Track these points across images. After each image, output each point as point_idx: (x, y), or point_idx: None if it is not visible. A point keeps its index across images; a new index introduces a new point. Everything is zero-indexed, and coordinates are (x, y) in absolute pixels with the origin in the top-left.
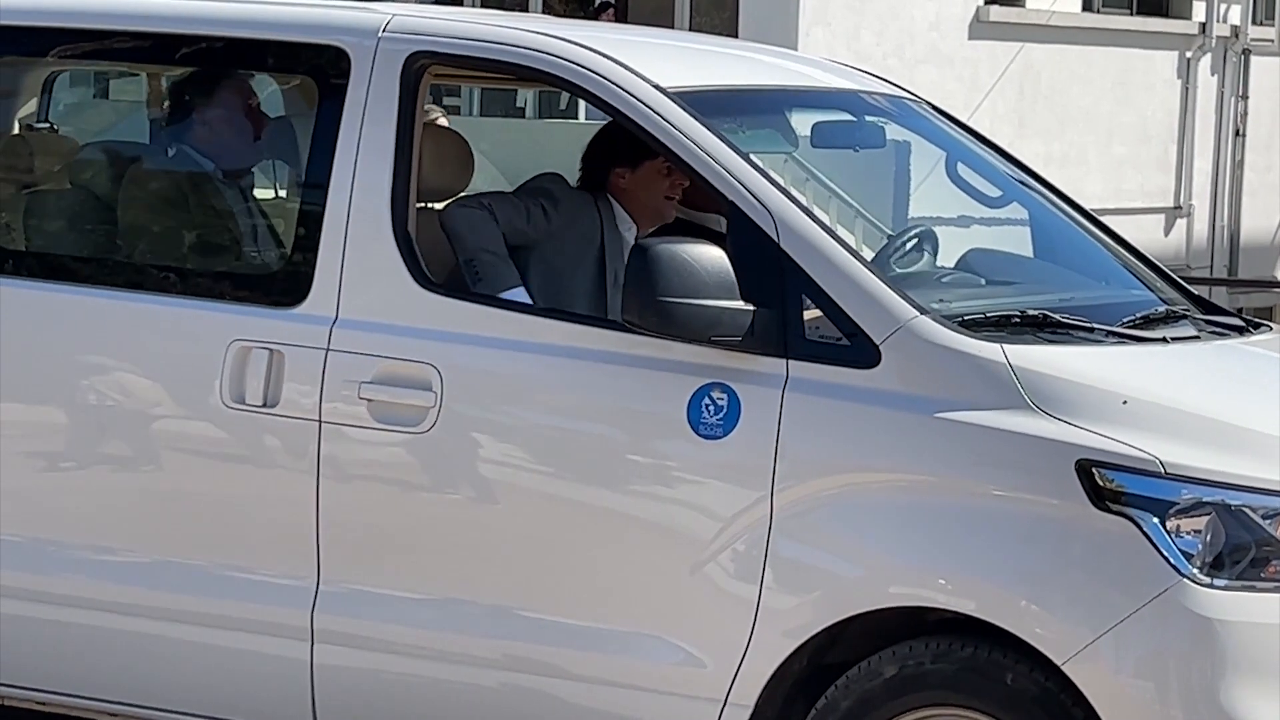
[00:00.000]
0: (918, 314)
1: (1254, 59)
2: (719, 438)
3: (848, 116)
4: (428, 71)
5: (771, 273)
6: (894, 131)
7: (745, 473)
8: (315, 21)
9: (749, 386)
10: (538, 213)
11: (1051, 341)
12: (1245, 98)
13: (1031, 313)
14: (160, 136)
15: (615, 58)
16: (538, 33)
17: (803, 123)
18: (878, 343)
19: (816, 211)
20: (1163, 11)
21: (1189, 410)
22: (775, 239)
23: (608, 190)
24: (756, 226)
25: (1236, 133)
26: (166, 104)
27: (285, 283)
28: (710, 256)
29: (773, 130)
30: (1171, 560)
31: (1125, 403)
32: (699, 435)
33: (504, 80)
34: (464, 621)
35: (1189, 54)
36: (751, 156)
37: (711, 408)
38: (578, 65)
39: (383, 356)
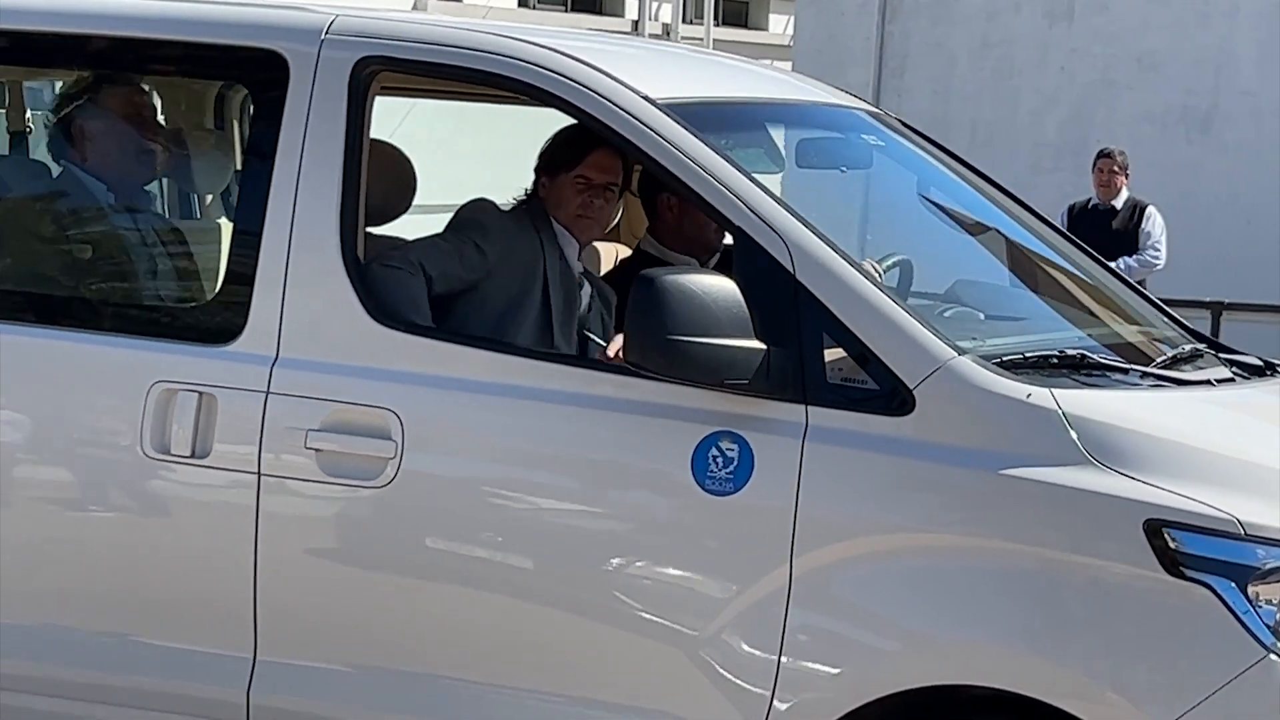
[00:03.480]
0: (955, 354)
1: None
2: (729, 494)
3: (835, 134)
4: (377, 79)
5: (787, 308)
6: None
7: (760, 534)
8: (246, 22)
9: (763, 436)
10: (470, 251)
11: (1092, 385)
12: None
13: (1070, 353)
14: (50, 151)
15: (598, 65)
16: (509, 37)
17: (781, 138)
18: (911, 387)
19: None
20: (597, 9)
21: (1261, 463)
22: (791, 270)
23: (542, 201)
24: (769, 256)
25: None
26: (53, 115)
27: (216, 317)
28: (722, 290)
29: (758, 149)
30: (1254, 632)
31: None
32: (706, 491)
33: (464, 90)
34: (434, 702)
35: None
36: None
37: (720, 460)
38: (559, 75)
39: (333, 400)
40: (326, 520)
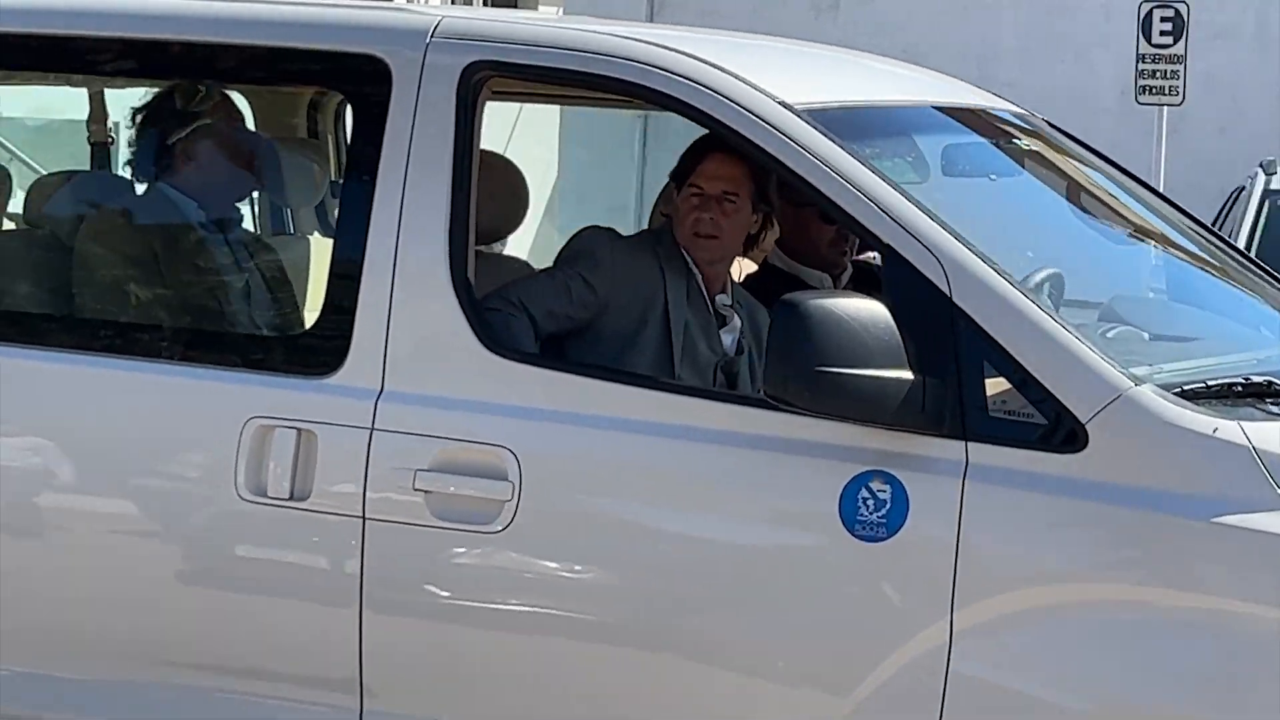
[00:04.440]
0: (1133, 384)
1: None
2: (882, 539)
3: (979, 138)
4: (487, 86)
5: (943, 334)
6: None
7: (916, 583)
8: (344, 23)
9: (919, 475)
10: (579, 286)
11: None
12: None
13: (1256, 379)
14: (133, 170)
15: (731, 70)
16: (631, 38)
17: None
18: (1083, 421)
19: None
20: None
21: None
22: (947, 292)
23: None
24: (923, 277)
25: None
26: (135, 129)
27: (315, 346)
28: (872, 315)
29: (903, 157)
30: None
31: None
32: (855, 536)
33: (581, 96)
34: None
35: None
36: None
37: (871, 502)
38: (691, 80)
39: (444, 438)
40: (437, 567)
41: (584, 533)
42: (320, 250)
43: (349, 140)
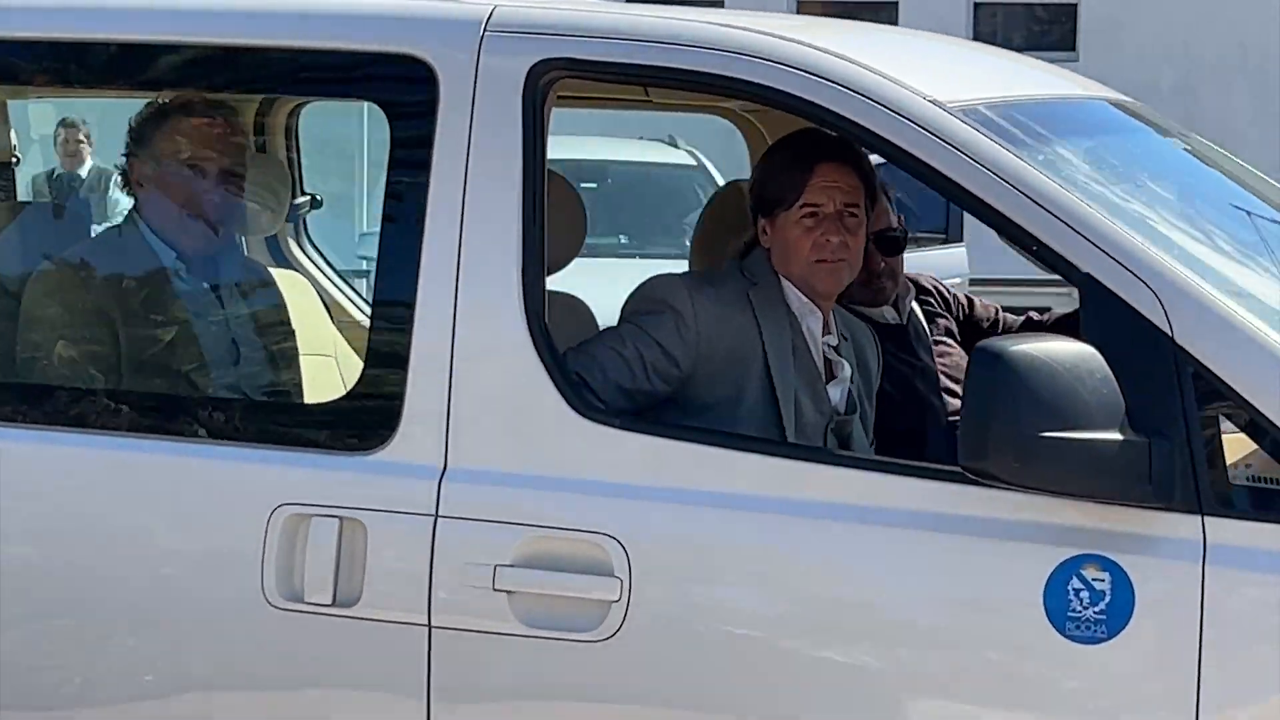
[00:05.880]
0: None
1: None
2: (1101, 640)
3: (1134, 135)
4: (555, 89)
5: (1167, 384)
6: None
7: (1148, 694)
8: (372, 15)
9: (1145, 559)
10: (656, 356)
11: None
12: None
13: None
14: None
15: (865, 63)
16: (742, 28)
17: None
18: None
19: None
20: None
21: None
22: (1168, 331)
23: (766, 252)
24: (1135, 313)
25: None
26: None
27: (357, 414)
28: (1087, 363)
29: (1082, 164)
30: None
31: None
32: (1066, 637)
33: (671, 99)
34: None
35: None
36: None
37: (1086, 594)
38: (825, 79)
39: (530, 525)
40: (526, 685)
41: (713, 640)
42: (291, 287)
43: (388, 161)
